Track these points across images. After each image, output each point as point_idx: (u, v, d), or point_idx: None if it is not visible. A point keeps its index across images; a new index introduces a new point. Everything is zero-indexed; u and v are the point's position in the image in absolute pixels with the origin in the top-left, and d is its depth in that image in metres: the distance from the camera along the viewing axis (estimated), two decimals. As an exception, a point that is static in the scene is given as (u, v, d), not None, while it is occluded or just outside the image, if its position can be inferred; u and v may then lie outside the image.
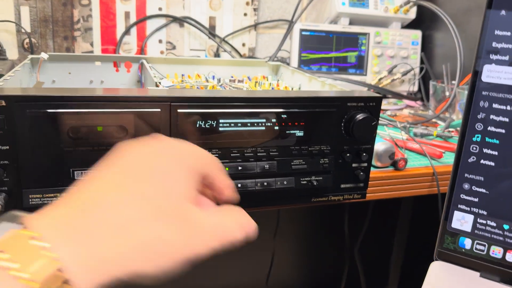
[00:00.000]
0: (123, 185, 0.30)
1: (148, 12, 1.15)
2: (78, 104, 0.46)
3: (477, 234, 0.54)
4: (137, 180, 0.31)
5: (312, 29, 1.13)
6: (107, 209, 0.28)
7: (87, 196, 0.29)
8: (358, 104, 0.57)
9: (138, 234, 0.28)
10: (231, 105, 0.51)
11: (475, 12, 1.04)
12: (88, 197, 0.29)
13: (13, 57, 1.05)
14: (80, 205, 0.28)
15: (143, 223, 0.28)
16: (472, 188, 0.54)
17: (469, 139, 0.54)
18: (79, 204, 0.29)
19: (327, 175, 0.58)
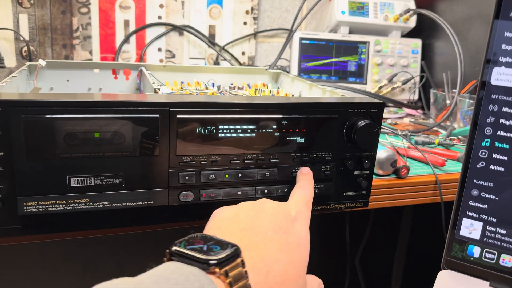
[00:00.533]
0: (292, 252, 0.41)
1: (147, 21, 1.14)
2: (74, 109, 0.45)
3: (486, 242, 0.53)
4: (301, 253, 0.42)
5: (311, 38, 1.13)
6: (279, 271, 0.38)
7: (268, 258, 0.38)
8: (360, 111, 0.56)
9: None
10: (231, 111, 0.50)
11: (475, 20, 1.04)
12: (269, 260, 0.38)
13: (11, 65, 1.05)
14: (264, 267, 0.38)
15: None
16: (481, 194, 0.53)
17: (477, 144, 0.52)
18: (262, 266, 0.38)
19: (328, 182, 0.57)
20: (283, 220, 0.43)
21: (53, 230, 0.49)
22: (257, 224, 0.41)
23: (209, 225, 0.42)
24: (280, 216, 0.43)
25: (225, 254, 0.34)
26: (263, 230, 0.40)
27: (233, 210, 0.43)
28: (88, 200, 0.47)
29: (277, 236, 0.40)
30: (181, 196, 0.50)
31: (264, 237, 0.40)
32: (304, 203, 0.48)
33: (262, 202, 0.45)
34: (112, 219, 0.50)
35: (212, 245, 0.34)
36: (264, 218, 0.42)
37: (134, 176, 0.48)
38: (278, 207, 0.44)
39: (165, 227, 0.54)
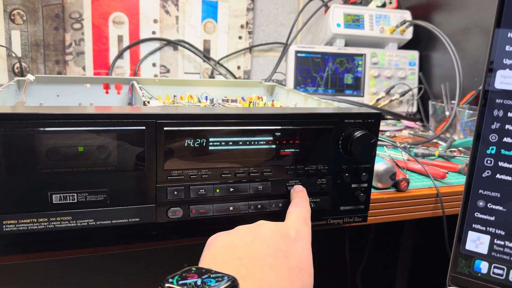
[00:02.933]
0: (293, 278, 0.39)
1: (141, 36, 1.13)
2: (56, 122, 0.43)
3: (494, 257, 0.50)
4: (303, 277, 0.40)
5: (307, 51, 1.11)
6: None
7: (268, 287, 0.36)
8: (356, 121, 0.54)
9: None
10: (222, 123, 0.48)
11: (473, 30, 1.03)
12: (269, 283, 0.36)
13: (3, 81, 1.03)
14: None
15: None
16: (487, 205, 0.50)
17: (482, 152, 0.50)
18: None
19: (325, 196, 0.55)
20: (282, 243, 0.41)
21: (35, 250, 0.46)
22: (254, 251, 0.39)
23: (204, 254, 0.40)
24: (278, 239, 0.41)
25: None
26: (260, 257, 0.38)
27: (228, 237, 0.41)
28: (71, 217, 0.45)
29: (277, 261, 0.38)
30: (170, 213, 0.48)
31: (262, 264, 0.37)
32: (303, 220, 0.45)
33: (258, 225, 0.43)
34: (97, 238, 0.47)
35: (207, 279, 0.33)
36: (261, 243, 0.40)
37: (119, 192, 0.46)
38: (275, 229, 0.42)
39: (153, 245, 0.51)
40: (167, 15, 1.14)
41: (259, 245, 0.39)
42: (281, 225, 0.43)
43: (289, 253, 0.40)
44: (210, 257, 0.39)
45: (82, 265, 1.09)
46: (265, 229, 0.42)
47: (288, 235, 0.42)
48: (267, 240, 0.40)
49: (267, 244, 0.40)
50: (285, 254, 0.40)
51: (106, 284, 1.13)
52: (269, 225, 0.43)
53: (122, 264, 1.11)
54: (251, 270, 0.37)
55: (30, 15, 1.03)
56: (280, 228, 0.43)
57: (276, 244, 0.40)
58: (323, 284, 1.36)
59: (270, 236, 0.41)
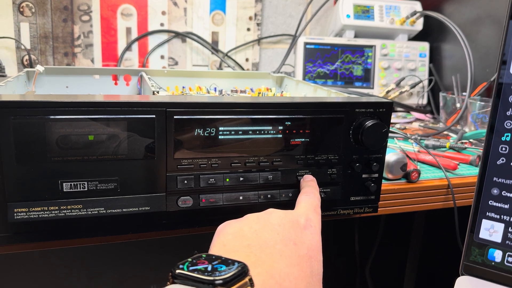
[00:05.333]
0: (303, 266, 0.38)
1: (149, 28, 1.13)
2: (67, 110, 0.43)
3: (508, 245, 0.49)
4: (312, 265, 0.39)
5: (316, 42, 1.10)
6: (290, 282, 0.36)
7: (278, 274, 0.36)
8: (367, 110, 0.53)
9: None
10: (232, 111, 0.48)
11: (484, 21, 1.02)
12: (279, 277, 0.36)
13: (12, 74, 1.04)
14: (274, 284, 0.35)
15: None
16: (502, 193, 0.49)
17: (497, 139, 0.49)
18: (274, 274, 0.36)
19: (335, 186, 0.54)
20: (291, 231, 0.40)
21: (46, 238, 0.46)
22: (264, 238, 0.39)
23: (214, 242, 0.40)
24: (287, 226, 0.41)
25: (231, 273, 0.31)
26: (270, 244, 0.38)
27: (237, 225, 0.41)
28: (81, 206, 0.45)
29: (286, 249, 0.38)
30: (180, 202, 0.48)
31: (272, 252, 0.37)
32: (313, 208, 0.45)
33: (268, 213, 0.43)
34: (107, 226, 0.47)
35: (217, 265, 0.32)
36: (271, 231, 0.40)
37: (129, 181, 0.46)
38: (285, 217, 0.42)
39: (163, 234, 0.51)
40: (175, 7, 1.14)
41: (268, 232, 0.39)
42: (291, 213, 0.43)
43: (299, 241, 0.40)
44: (220, 245, 0.39)
45: (92, 254, 1.10)
46: (274, 217, 0.42)
47: (297, 223, 0.42)
48: (277, 228, 0.40)
49: (277, 232, 0.40)
50: (295, 241, 0.39)
51: (116, 273, 1.14)
52: (278, 213, 0.42)
53: (132, 253, 1.12)
54: (261, 257, 0.36)
55: (39, 7, 1.03)
56: (289, 216, 0.42)
57: (286, 232, 0.40)
58: (332, 276, 1.36)
59: (280, 223, 0.41)
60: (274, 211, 0.43)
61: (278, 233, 0.40)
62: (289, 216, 0.42)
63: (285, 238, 0.39)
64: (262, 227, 0.40)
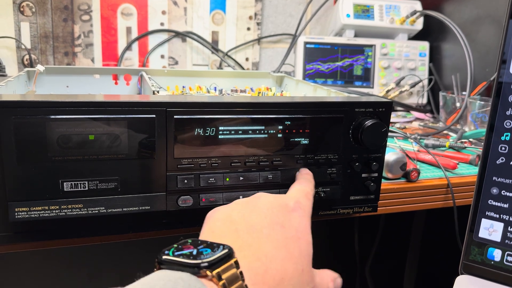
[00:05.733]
0: (290, 247, 0.38)
1: (150, 27, 1.13)
2: (67, 110, 0.43)
3: (508, 244, 0.49)
4: (299, 246, 0.39)
5: (316, 42, 1.11)
6: (278, 264, 0.37)
7: (264, 256, 0.36)
8: (367, 110, 0.53)
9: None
10: (232, 111, 0.48)
11: (484, 21, 1.02)
12: (266, 259, 0.36)
13: (12, 73, 1.04)
14: (261, 266, 0.36)
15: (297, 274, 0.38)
16: (501, 192, 0.49)
17: (497, 139, 0.49)
18: (260, 257, 0.36)
19: (335, 186, 0.54)
20: (279, 214, 0.41)
21: (46, 238, 0.46)
22: (252, 223, 0.39)
23: (203, 229, 0.40)
24: (276, 210, 0.41)
25: (216, 256, 0.32)
26: (257, 228, 0.38)
27: (226, 210, 0.41)
28: (82, 205, 0.45)
29: (273, 232, 0.38)
30: (180, 201, 0.48)
31: (259, 236, 0.38)
32: (304, 194, 0.45)
33: (257, 197, 0.43)
34: (108, 226, 0.47)
35: (202, 249, 0.33)
36: (258, 214, 0.40)
37: (130, 180, 0.46)
38: (274, 201, 0.42)
39: (163, 233, 0.52)
40: (176, 6, 1.14)
41: (256, 216, 0.40)
42: (280, 197, 0.43)
43: (286, 223, 0.40)
44: (209, 231, 0.39)
45: (93, 254, 1.10)
46: (263, 201, 0.42)
47: (286, 206, 0.42)
48: (265, 211, 0.40)
49: (265, 215, 0.40)
50: (282, 224, 0.40)
51: (116, 273, 1.14)
52: (267, 197, 0.43)
53: (132, 252, 1.12)
54: (248, 241, 0.37)
55: (39, 6, 1.03)
56: (279, 199, 0.43)
57: (274, 215, 0.40)
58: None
59: (268, 207, 0.41)
60: (263, 195, 0.43)
61: (266, 217, 0.40)
62: (278, 200, 0.42)
63: (272, 222, 0.39)
64: (251, 211, 0.40)
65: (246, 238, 0.37)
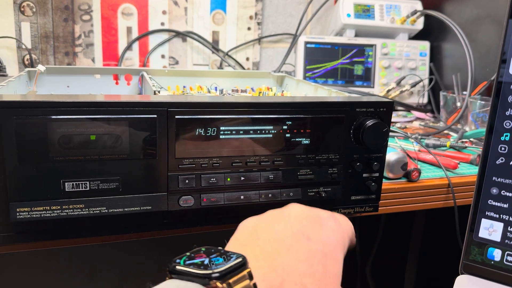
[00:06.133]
0: (314, 262, 0.36)
1: (150, 27, 1.13)
2: (68, 110, 0.43)
3: (508, 244, 0.49)
4: (322, 262, 0.36)
5: (317, 42, 1.11)
6: (294, 275, 0.34)
7: (281, 268, 0.34)
8: (368, 110, 0.53)
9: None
10: (233, 111, 0.48)
11: (484, 20, 1.02)
12: (283, 271, 0.34)
13: (13, 73, 1.04)
14: (277, 278, 0.34)
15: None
16: (501, 192, 0.49)
17: (496, 139, 0.49)
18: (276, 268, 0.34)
19: (336, 186, 0.54)
20: (308, 225, 0.38)
21: (48, 238, 0.46)
22: (275, 231, 0.37)
23: (231, 238, 0.39)
24: (305, 221, 0.38)
25: (227, 266, 0.30)
26: (280, 237, 0.36)
27: (255, 219, 0.39)
28: (83, 205, 0.45)
29: (297, 243, 0.36)
30: (181, 201, 0.48)
31: (280, 245, 0.36)
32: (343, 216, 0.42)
33: (288, 207, 0.41)
34: (109, 226, 0.47)
35: (215, 258, 0.31)
36: (284, 224, 0.38)
37: (131, 180, 0.46)
38: (305, 211, 0.40)
39: (165, 233, 0.52)
40: (176, 6, 1.14)
41: (282, 226, 0.37)
42: (314, 209, 0.41)
43: (314, 236, 0.37)
44: (234, 240, 0.38)
45: (94, 254, 1.10)
46: (294, 209, 0.40)
47: (318, 218, 0.39)
48: (292, 221, 0.38)
49: (291, 225, 0.38)
50: (309, 236, 0.37)
51: (117, 273, 1.14)
52: (299, 207, 0.40)
53: (132, 253, 1.12)
54: (266, 250, 0.35)
55: (40, 6, 1.03)
56: (311, 210, 0.40)
57: (301, 226, 0.38)
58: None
59: (297, 217, 0.38)
60: (296, 205, 0.41)
61: (292, 226, 0.37)
62: (310, 211, 0.40)
63: (298, 232, 0.37)
64: (278, 220, 0.38)
65: (266, 247, 0.35)
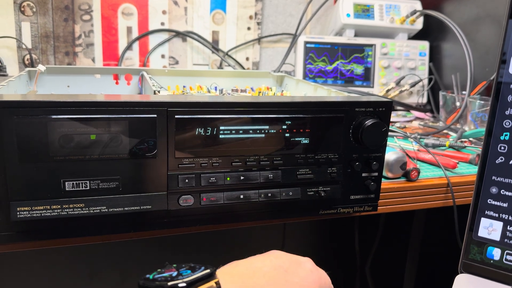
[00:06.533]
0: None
1: (150, 27, 1.13)
2: (69, 110, 0.43)
3: (507, 244, 0.49)
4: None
5: (316, 41, 1.11)
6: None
7: (257, 282, 0.36)
8: (367, 110, 0.53)
9: None
10: (232, 111, 0.48)
11: (484, 20, 1.02)
12: (258, 284, 0.36)
13: (13, 73, 1.04)
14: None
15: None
16: (500, 192, 0.50)
17: (496, 138, 0.49)
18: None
19: (335, 185, 0.55)
20: (286, 261, 0.40)
21: (48, 237, 0.47)
22: (254, 263, 0.39)
23: None
24: (284, 259, 0.40)
25: (194, 276, 0.32)
26: (258, 266, 0.38)
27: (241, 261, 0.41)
28: (83, 204, 0.45)
29: (274, 272, 0.38)
30: (181, 200, 0.48)
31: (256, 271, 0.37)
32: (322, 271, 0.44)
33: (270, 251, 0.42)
34: (109, 225, 0.48)
35: (183, 270, 0.33)
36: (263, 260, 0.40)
37: (131, 180, 0.46)
38: (286, 254, 0.42)
39: (165, 233, 0.52)
40: (176, 6, 1.14)
41: (261, 260, 0.39)
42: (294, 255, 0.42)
43: (292, 270, 0.39)
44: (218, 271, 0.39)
45: (94, 253, 1.11)
46: (275, 252, 0.42)
47: (296, 259, 0.41)
48: (272, 259, 0.40)
49: (270, 260, 0.39)
50: (286, 269, 0.39)
51: (117, 272, 1.14)
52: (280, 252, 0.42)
53: (133, 251, 1.12)
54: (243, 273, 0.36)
55: (40, 6, 1.03)
56: (291, 255, 0.42)
57: (280, 261, 0.40)
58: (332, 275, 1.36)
59: (278, 256, 0.40)
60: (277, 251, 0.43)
61: (271, 261, 0.39)
62: (290, 255, 0.42)
63: (276, 265, 0.39)
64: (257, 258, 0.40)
65: (242, 270, 0.37)
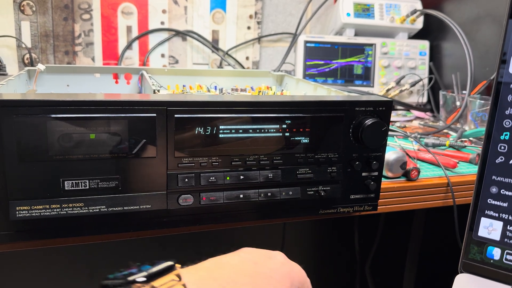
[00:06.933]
0: (257, 279, 0.36)
1: (150, 26, 1.13)
2: (68, 109, 0.43)
3: (507, 243, 0.49)
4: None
5: (316, 41, 1.11)
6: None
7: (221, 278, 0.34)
8: (367, 109, 0.53)
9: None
10: (232, 110, 0.48)
11: (484, 20, 1.02)
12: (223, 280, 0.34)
13: (13, 72, 1.04)
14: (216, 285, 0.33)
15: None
16: (500, 191, 0.50)
17: (496, 138, 0.49)
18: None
19: (335, 185, 0.55)
20: (255, 255, 0.39)
21: (47, 236, 0.46)
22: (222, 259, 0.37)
23: None
24: (254, 253, 0.39)
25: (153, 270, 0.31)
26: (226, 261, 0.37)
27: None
28: (83, 204, 0.45)
29: (242, 265, 0.37)
30: (180, 200, 0.48)
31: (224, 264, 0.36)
32: (297, 265, 0.42)
33: (240, 249, 0.41)
34: (109, 224, 0.48)
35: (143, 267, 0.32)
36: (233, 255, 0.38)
37: (131, 179, 0.46)
38: (256, 249, 0.40)
39: (164, 232, 0.52)
40: (176, 5, 1.14)
41: (231, 256, 0.38)
42: (268, 250, 0.41)
43: (261, 262, 0.38)
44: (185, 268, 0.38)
45: (93, 252, 1.11)
46: (245, 249, 0.40)
47: (268, 254, 0.39)
48: (242, 254, 0.39)
49: (238, 255, 0.38)
50: (255, 261, 0.38)
51: (116, 271, 1.14)
52: (251, 248, 0.41)
53: (133, 251, 1.12)
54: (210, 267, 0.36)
55: (40, 5, 1.03)
56: (262, 250, 0.40)
57: (249, 256, 0.38)
58: (332, 274, 1.36)
59: (248, 252, 0.39)
60: (247, 248, 0.41)
61: (239, 256, 0.38)
62: (262, 250, 0.40)
63: (245, 259, 0.38)
64: (228, 254, 0.39)
65: (208, 264, 0.36)
